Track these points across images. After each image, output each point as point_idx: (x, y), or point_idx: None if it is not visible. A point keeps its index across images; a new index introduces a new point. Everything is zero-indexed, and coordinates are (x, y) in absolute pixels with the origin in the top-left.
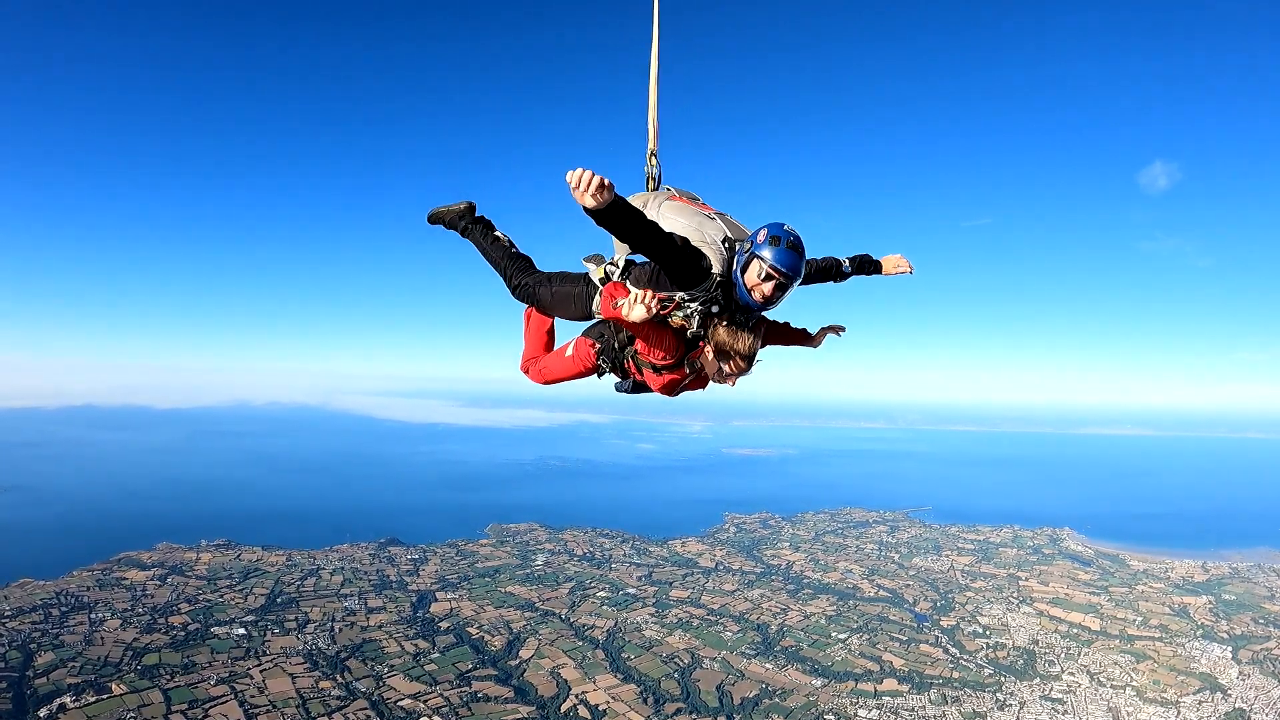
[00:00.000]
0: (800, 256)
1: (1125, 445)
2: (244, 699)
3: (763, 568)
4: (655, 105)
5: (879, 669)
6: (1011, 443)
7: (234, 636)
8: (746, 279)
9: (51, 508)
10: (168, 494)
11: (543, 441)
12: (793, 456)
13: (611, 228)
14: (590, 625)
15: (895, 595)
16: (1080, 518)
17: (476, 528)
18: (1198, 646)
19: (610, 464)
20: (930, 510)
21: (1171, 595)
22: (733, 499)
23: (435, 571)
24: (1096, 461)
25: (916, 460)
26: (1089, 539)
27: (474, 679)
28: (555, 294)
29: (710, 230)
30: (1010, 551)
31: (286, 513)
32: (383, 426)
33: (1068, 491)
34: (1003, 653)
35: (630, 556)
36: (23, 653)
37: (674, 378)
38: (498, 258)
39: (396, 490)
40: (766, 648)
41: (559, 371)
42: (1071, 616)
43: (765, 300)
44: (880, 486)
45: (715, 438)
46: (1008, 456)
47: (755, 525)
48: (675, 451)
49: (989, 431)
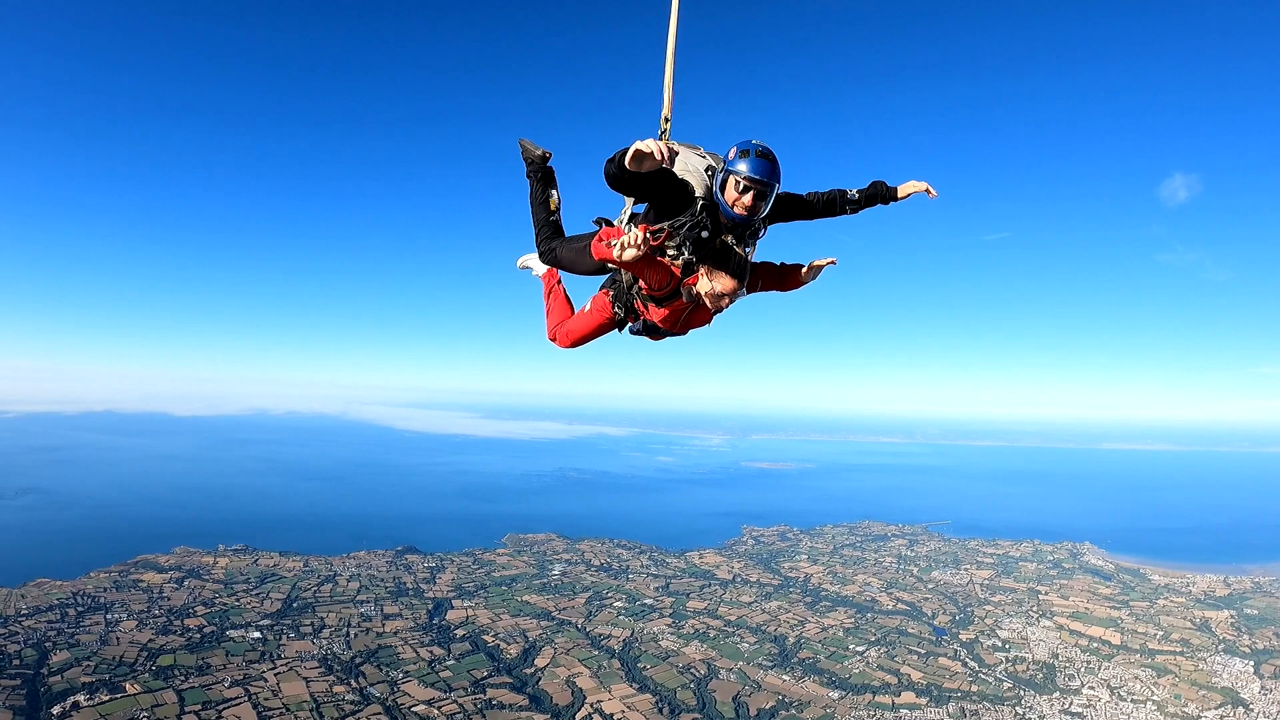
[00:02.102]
0: (772, 163)
1: (1146, 460)
2: (258, 701)
3: (780, 580)
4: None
5: (897, 682)
6: (1031, 458)
7: (249, 640)
8: (727, 196)
9: (70, 510)
10: (186, 499)
11: (561, 453)
12: (811, 470)
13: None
14: (606, 635)
15: (914, 608)
16: (1101, 532)
17: (494, 537)
18: (1220, 661)
19: (628, 476)
20: (950, 524)
21: (1193, 609)
22: (751, 512)
23: (452, 579)
24: (1117, 476)
25: (936, 475)
26: (1110, 553)
27: (489, 686)
28: (572, 250)
29: (694, 160)
30: (1030, 566)
31: (304, 519)
32: (401, 437)
33: (1088, 506)
34: (1022, 666)
35: (648, 568)
36: (38, 651)
37: (675, 307)
38: (541, 217)
39: (414, 499)
40: (784, 659)
41: (582, 328)
42: (1092, 631)
43: (748, 211)
44: (899, 500)
45: (734, 451)
46: (1028, 471)
47: (773, 538)
48: (694, 464)
49: (1008, 446)
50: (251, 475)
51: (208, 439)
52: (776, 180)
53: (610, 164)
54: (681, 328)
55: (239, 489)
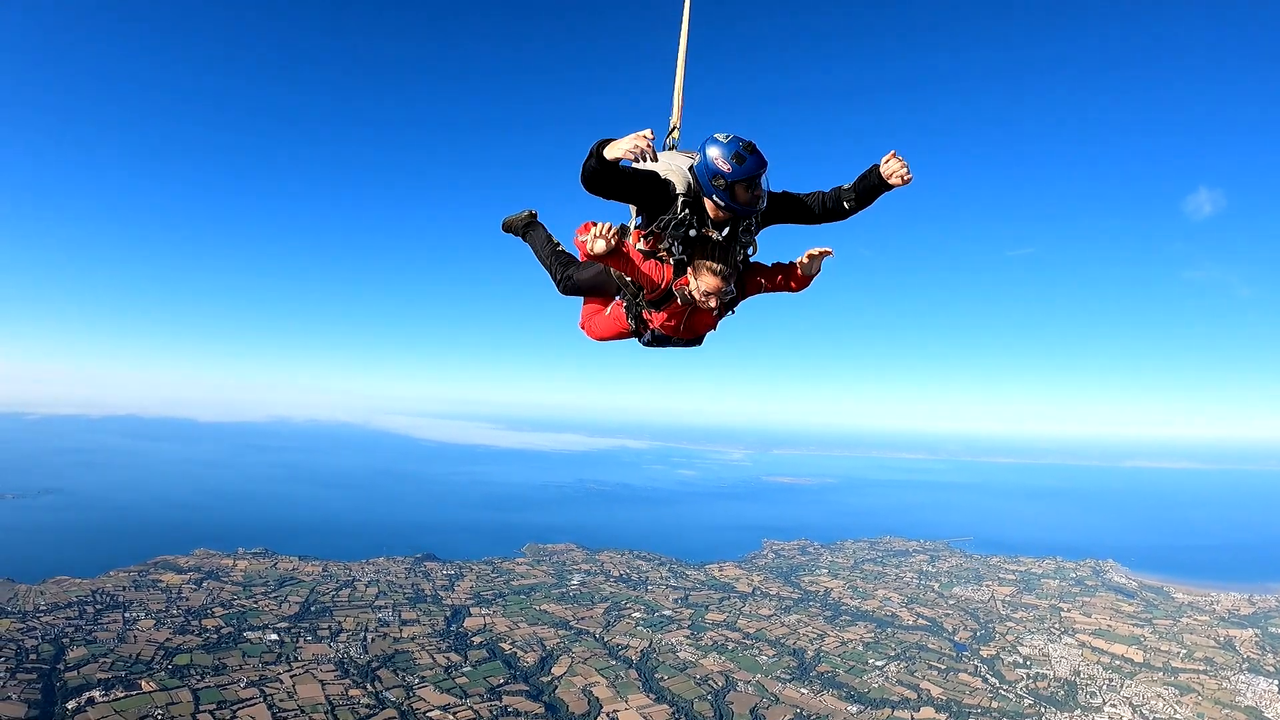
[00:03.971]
0: (754, 152)
1: (1170, 478)
2: (273, 702)
3: (800, 594)
4: (681, 84)
5: (916, 697)
6: (1054, 475)
7: (266, 641)
8: (741, 199)
9: (91, 510)
10: (207, 503)
11: (582, 465)
12: (833, 485)
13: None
14: (624, 645)
15: (934, 624)
16: (1124, 550)
17: (513, 547)
18: (1243, 680)
19: (650, 489)
20: (971, 540)
21: (1217, 628)
22: (772, 526)
23: (470, 587)
24: (1141, 494)
25: (958, 491)
26: (1133, 571)
27: (505, 693)
28: (588, 273)
29: (679, 160)
30: (1053, 583)
31: (324, 525)
32: (422, 446)
33: (1112, 524)
34: (1043, 683)
35: (667, 579)
36: (55, 646)
37: (671, 310)
38: (547, 257)
39: (434, 508)
40: (802, 673)
41: (602, 329)
42: (1115, 648)
43: (756, 200)
44: (921, 516)
45: (755, 465)
46: (1051, 488)
47: (794, 552)
48: (715, 478)
49: (1031, 464)
50: (272, 481)
51: (230, 445)
52: (765, 166)
53: (588, 160)
54: (686, 332)
55: (259, 494)
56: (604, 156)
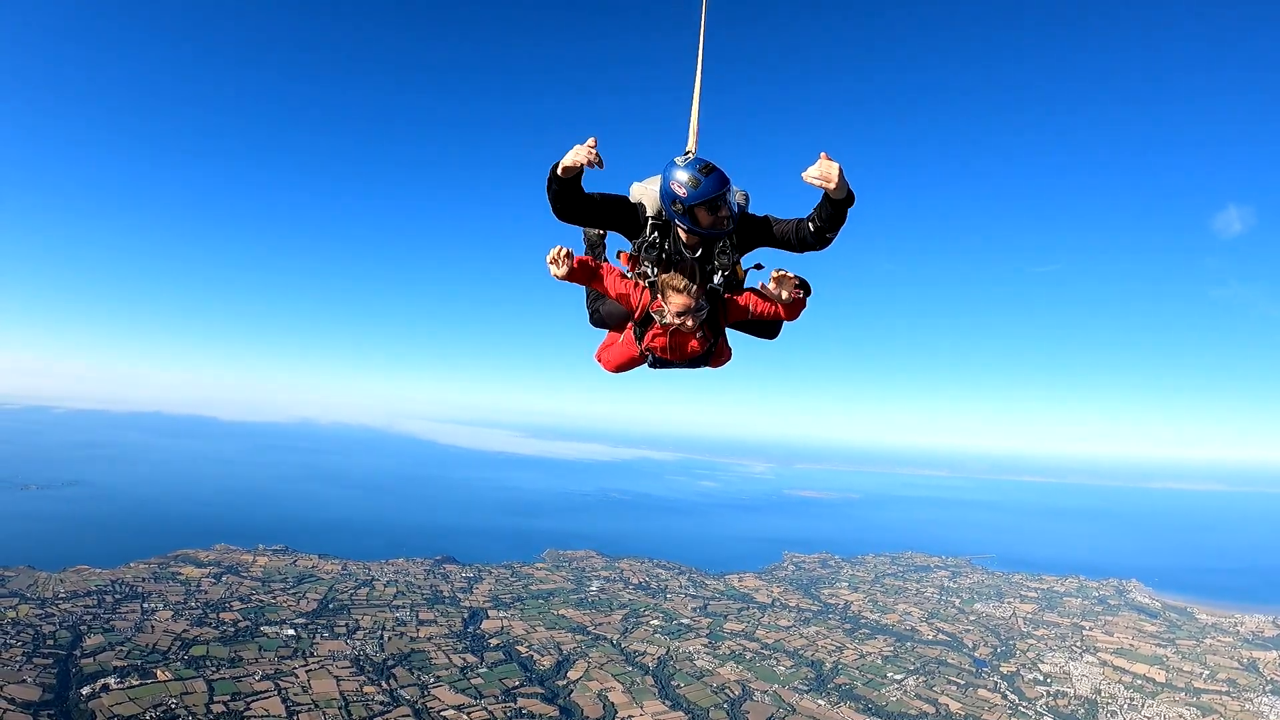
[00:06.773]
0: (713, 171)
1: (1196, 500)
2: (287, 696)
3: (820, 606)
4: (697, 110)
5: (935, 712)
6: (1078, 495)
7: (283, 636)
8: (703, 222)
9: (113, 503)
10: (228, 500)
11: (604, 474)
12: (855, 500)
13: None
14: (641, 652)
15: (955, 639)
16: (1148, 570)
17: (533, 552)
18: (1266, 702)
19: (671, 499)
20: (994, 558)
21: (1240, 649)
22: (793, 538)
23: (489, 590)
24: (1166, 515)
25: (981, 509)
26: (1156, 591)
27: (520, 695)
28: (611, 305)
29: (651, 184)
30: (1075, 601)
31: (344, 525)
32: (445, 451)
33: (1136, 544)
34: (1064, 701)
35: (686, 588)
36: (72, 633)
37: (654, 331)
38: None
39: (455, 512)
40: (819, 684)
41: (614, 357)
42: (1136, 668)
43: (721, 221)
44: (943, 533)
45: (777, 479)
46: (1074, 508)
47: (814, 564)
48: (737, 490)
49: (1055, 483)
50: (294, 480)
51: (253, 444)
52: (728, 185)
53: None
54: (676, 354)
55: (281, 493)
56: (557, 173)
